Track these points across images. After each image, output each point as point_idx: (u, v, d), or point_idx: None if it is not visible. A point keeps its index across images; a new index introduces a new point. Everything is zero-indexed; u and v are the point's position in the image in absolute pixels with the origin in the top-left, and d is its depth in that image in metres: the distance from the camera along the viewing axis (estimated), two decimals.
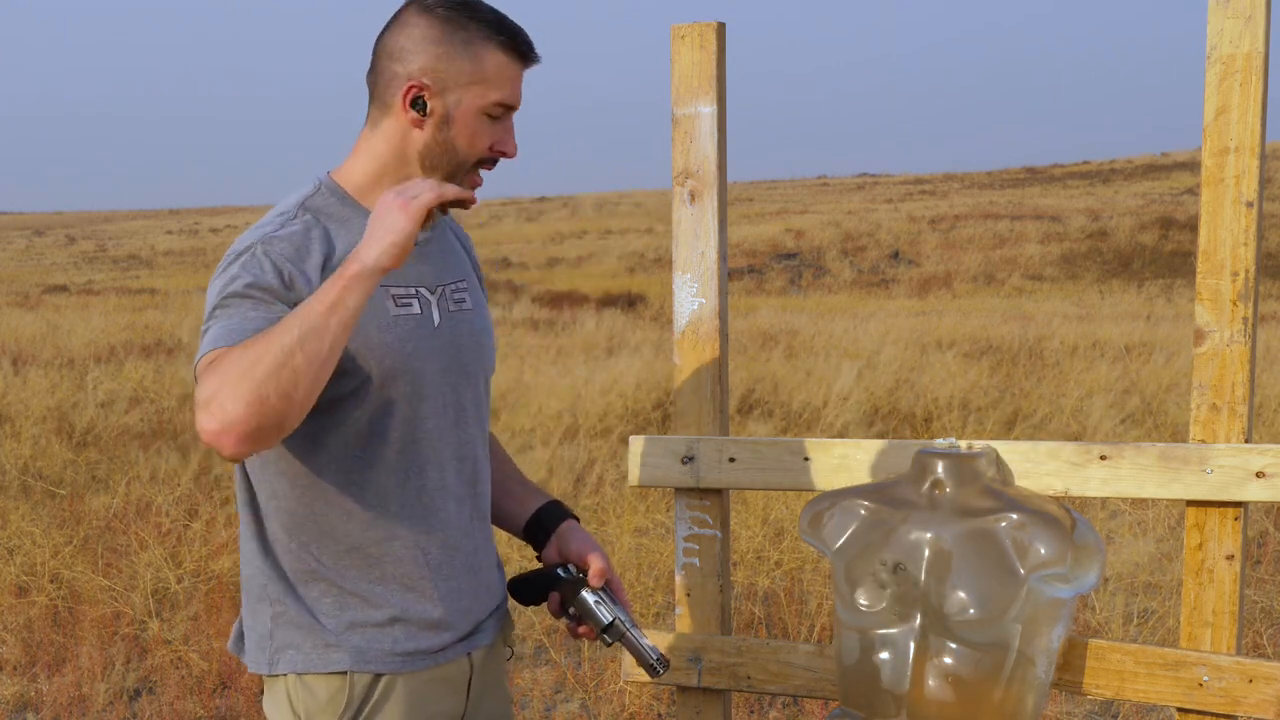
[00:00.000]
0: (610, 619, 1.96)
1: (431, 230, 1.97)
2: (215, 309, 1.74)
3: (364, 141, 1.90)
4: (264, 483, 1.86)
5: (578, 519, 2.10)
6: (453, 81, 1.81)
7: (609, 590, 2.00)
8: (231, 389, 1.57)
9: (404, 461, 1.87)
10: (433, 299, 1.92)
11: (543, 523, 2.09)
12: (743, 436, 2.46)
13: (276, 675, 1.88)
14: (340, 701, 1.84)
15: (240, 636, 1.96)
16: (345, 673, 1.85)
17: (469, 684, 1.97)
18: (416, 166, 1.85)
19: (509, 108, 1.85)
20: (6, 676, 4.73)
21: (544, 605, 2.06)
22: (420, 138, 1.84)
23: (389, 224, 1.65)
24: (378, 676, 1.86)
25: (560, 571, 2.01)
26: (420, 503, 1.88)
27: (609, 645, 1.99)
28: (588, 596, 1.98)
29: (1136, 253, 27.90)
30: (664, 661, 1.94)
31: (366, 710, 1.86)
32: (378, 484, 1.85)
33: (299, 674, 1.86)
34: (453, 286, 1.97)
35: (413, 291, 1.89)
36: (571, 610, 2.00)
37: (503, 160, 1.92)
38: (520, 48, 1.84)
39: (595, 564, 1.99)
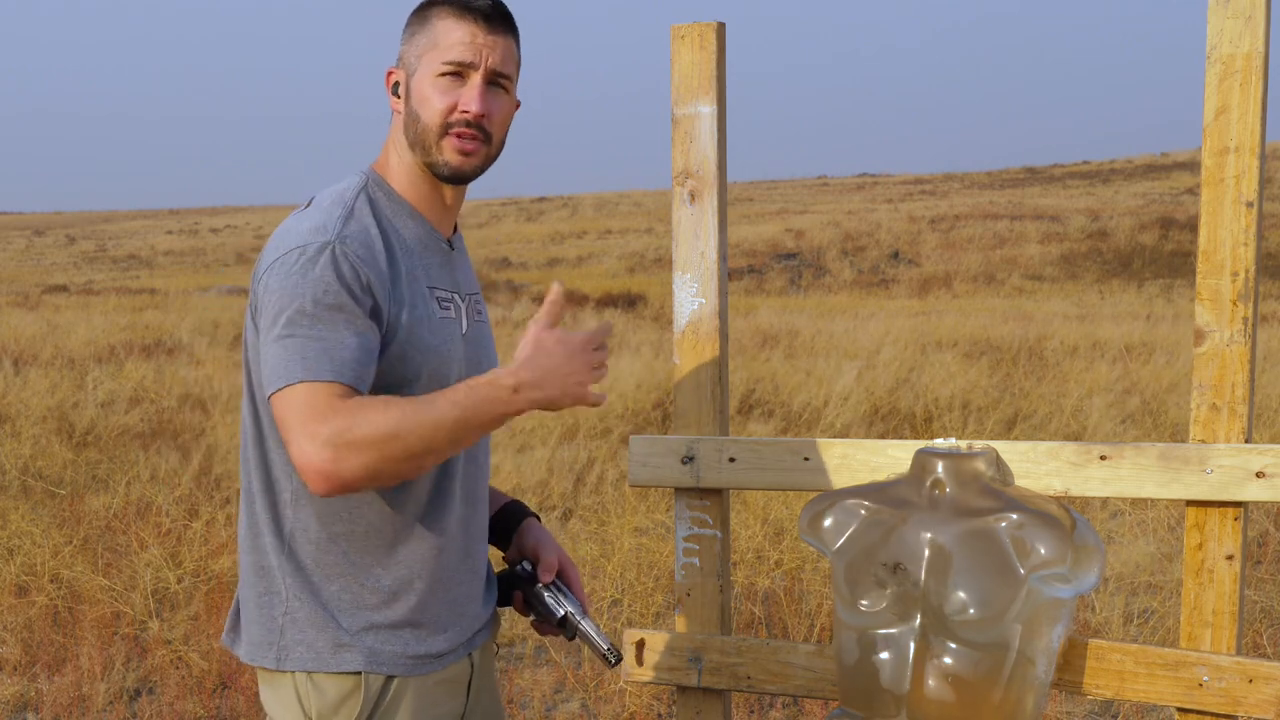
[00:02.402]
0: (562, 612, 1.99)
1: (458, 239, 2.01)
2: (301, 314, 1.73)
3: (387, 139, 1.97)
4: (295, 473, 1.84)
5: (537, 517, 2.14)
6: (414, 58, 1.88)
7: (561, 584, 2.02)
8: (360, 452, 1.66)
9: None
10: (464, 306, 1.96)
11: (504, 524, 2.12)
12: (743, 436, 2.46)
13: (284, 671, 1.88)
14: (355, 703, 1.84)
15: (235, 627, 1.95)
16: (358, 674, 1.84)
17: (469, 683, 1.98)
18: (406, 146, 1.90)
19: (461, 65, 1.85)
20: (6, 676, 4.73)
21: (513, 606, 2.10)
22: (400, 118, 1.91)
23: (569, 386, 1.76)
24: (390, 679, 1.86)
25: (519, 569, 2.04)
26: (444, 507, 1.90)
27: (571, 640, 2.02)
28: (541, 591, 2.01)
29: (1136, 253, 27.89)
30: (615, 651, 1.97)
31: (379, 713, 1.85)
32: (411, 485, 1.86)
33: (309, 673, 1.85)
34: (475, 297, 2.01)
35: (450, 296, 1.93)
36: (535, 607, 2.03)
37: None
38: (466, 8, 1.86)
39: (544, 559, 2.03)
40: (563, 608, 1.99)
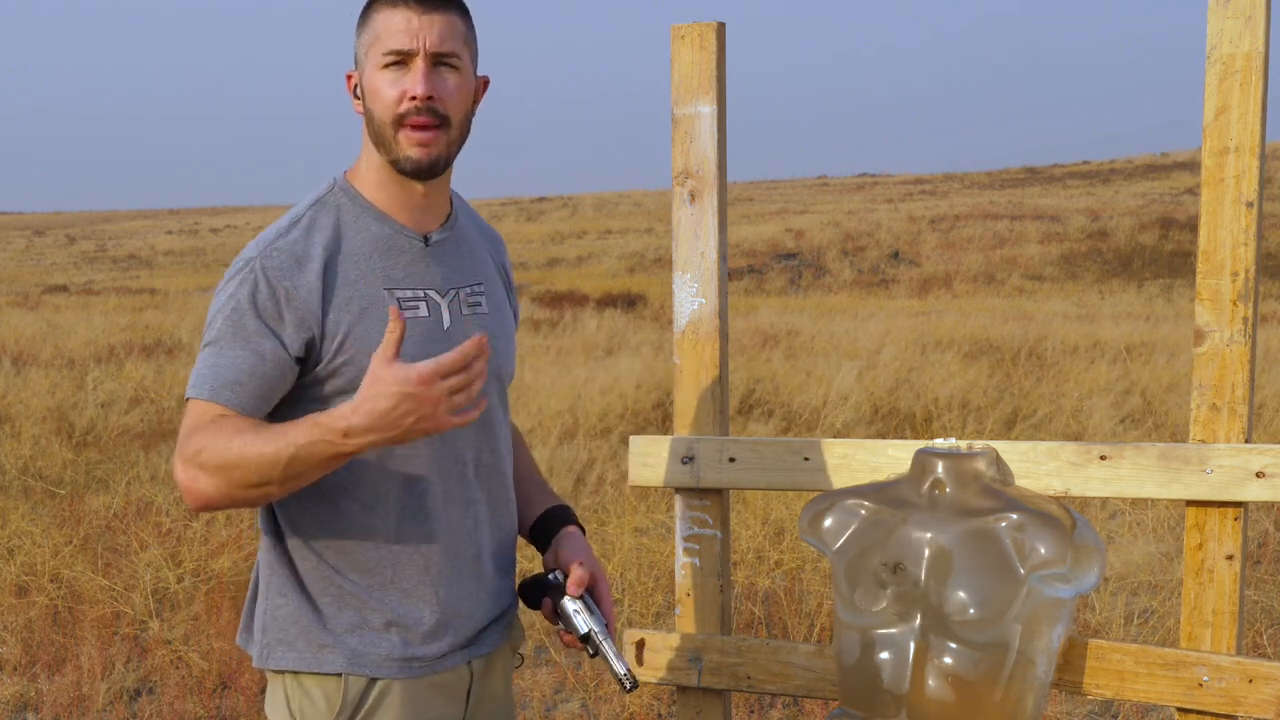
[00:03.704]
0: (585, 630, 1.95)
1: (449, 230, 1.96)
2: (212, 333, 1.80)
3: None
4: None
5: (581, 527, 2.09)
6: (362, 56, 1.87)
7: (590, 600, 1.98)
8: (210, 475, 1.70)
9: (405, 467, 1.86)
10: (443, 302, 1.91)
11: (546, 527, 2.08)
12: (743, 436, 2.46)
13: (275, 673, 1.88)
14: (335, 704, 1.84)
15: (245, 627, 1.96)
16: (340, 675, 1.85)
17: (469, 691, 1.96)
18: (372, 145, 1.88)
19: (400, 52, 1.81)
20: (6, 676, 4.73)
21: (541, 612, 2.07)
22: (364, 118, 1.89)
23: (411, 425, 1.64)
24: (373, 681, 1.85)
25: (550, 578, 2.01)
26: (422, 509, 1.88)
27: (592, 657, 1.99)
28: (568, 605, 1.97)
29: (1136, 253, 27.88)
30: (631, 678, 1.92)
31: (361, 714, 1.85)
32: (378, 489, 1.85)
33: (295, 674, 1.86)
34: (468, 289, 1.95)
35: (420, 294, 1.89)
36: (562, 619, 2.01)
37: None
38: None
39: (575, 573, 1.97)
40: (586, 625, 1.96)
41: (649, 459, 2.44)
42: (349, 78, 1.90)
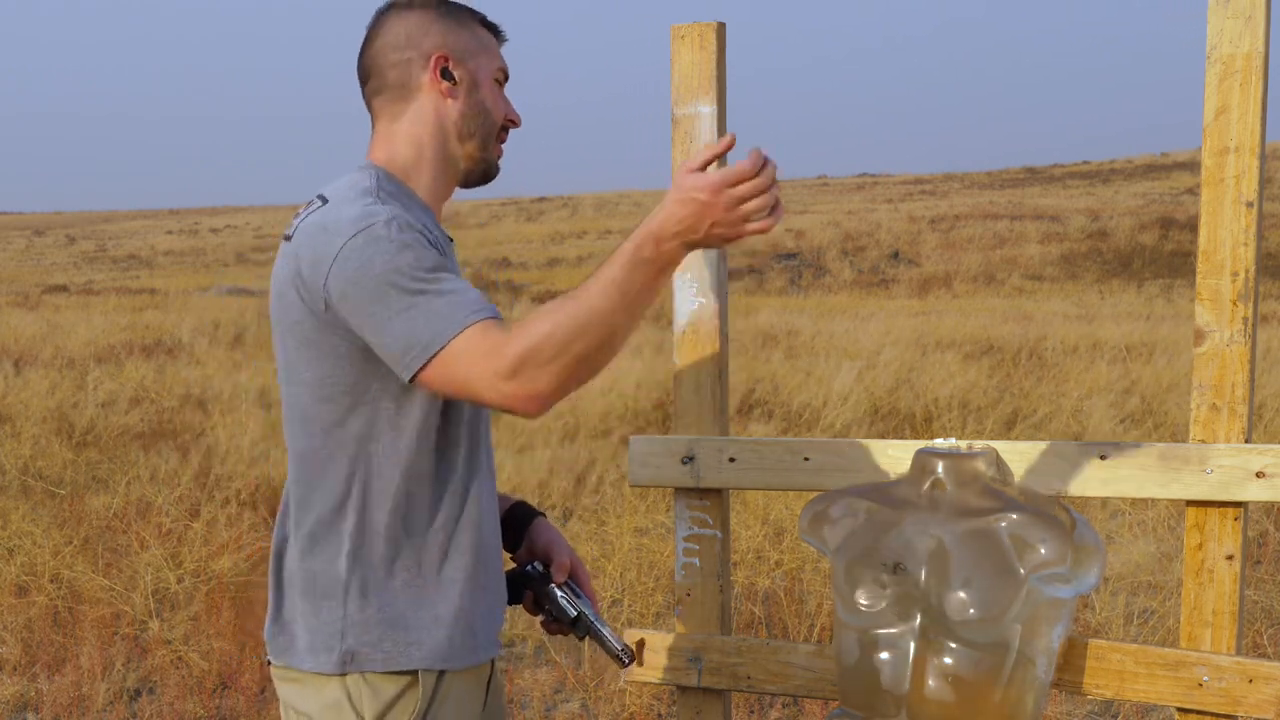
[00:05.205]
0: (575, 613, 1.99)
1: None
2: (424, 279, 1.69)
3: (388, 135, 1.90)
4: (381, 469, 1.81)
5: (545, 516, 2.12)
6: (466, 50, 1.89)
7: (574, 584, 2.02)
8: (547, 365, 1.65)
9: (470, 451, 1.87)
10: None
11: (513, 523, 2.09)
12: (743, 436, 2.46)
13: (330, 675, 1.83)
14: (411, 702, 1.82)
15: (279, 634, 1.89)
16: (414, 672, 1.83)
17: (489, 680, 1.98)
18: (454, 137, 1.88)
19: (507, 75, 1.96)
20: (6, 676, 4.74)
21: (523, 605, 2.09)
22: (455, 106, 1.88)
23: (711, 230, 1.66)
24: (441, 676, 1.85)
25: (530, 569, 2.03)
26: (479, 505, 1.88)
27: (581, 640, 2.01)
28: (554, 591, 2.00)
29: (1136, 253, 27.88)
30: (629, 651, 1.97)
31: (432, 708, 1.84)
32: (457, 471, 1.85)
33: (363, 674, 1.81)
34: None
35: None
36: (547, 607, 2.02)
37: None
38: (494, 26, 1.96)
39: (558, 558, 2.02)
40: (576, 608, 1.99)
41: (649, 459, 2.44)
42: (440, 57, 1.87)
